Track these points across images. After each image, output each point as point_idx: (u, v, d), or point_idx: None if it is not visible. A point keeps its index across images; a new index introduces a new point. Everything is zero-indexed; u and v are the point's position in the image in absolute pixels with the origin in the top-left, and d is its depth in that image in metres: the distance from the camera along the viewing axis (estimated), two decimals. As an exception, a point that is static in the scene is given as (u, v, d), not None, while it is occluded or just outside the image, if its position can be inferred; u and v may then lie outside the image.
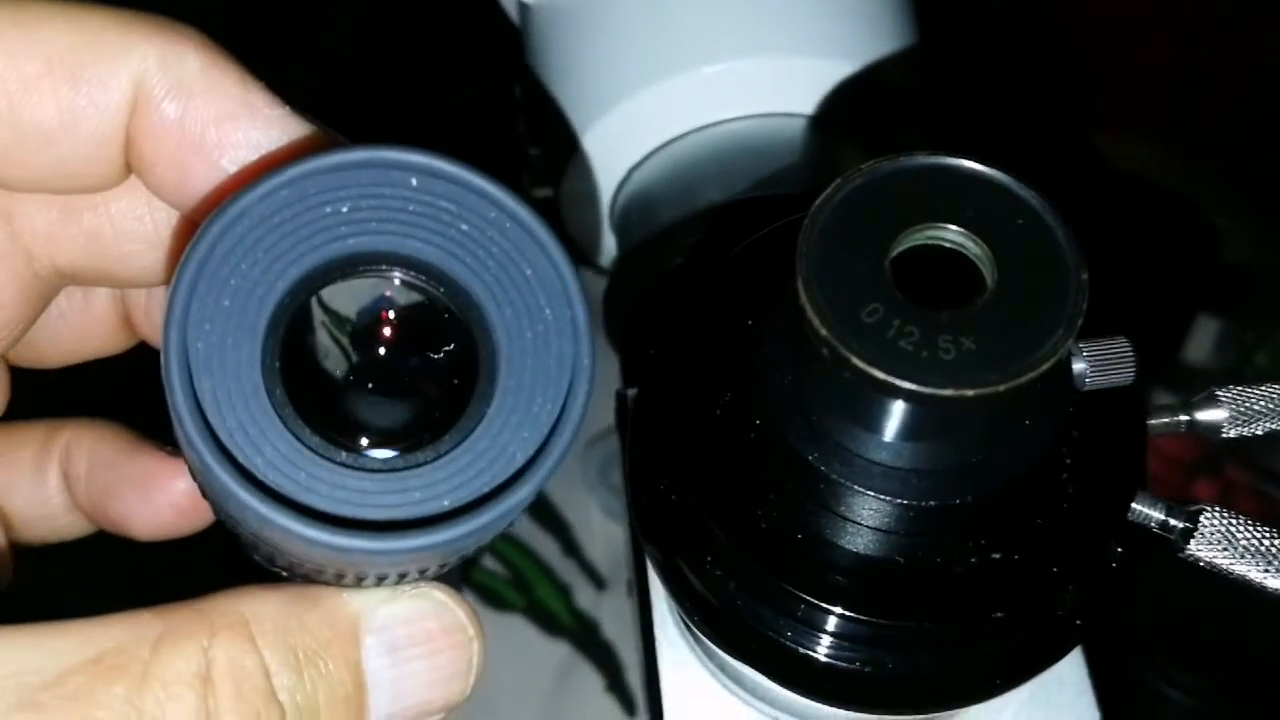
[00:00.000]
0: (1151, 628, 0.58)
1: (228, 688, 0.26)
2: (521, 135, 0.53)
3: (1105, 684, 0.41)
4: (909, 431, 0.32)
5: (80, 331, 0.37)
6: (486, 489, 0.26)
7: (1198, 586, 0.41)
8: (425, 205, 0.26)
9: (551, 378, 0.27)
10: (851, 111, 0.47)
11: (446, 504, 0.26)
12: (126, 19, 0.29)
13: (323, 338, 0.27)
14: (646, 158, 0.48)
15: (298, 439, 0.26)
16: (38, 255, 0.33)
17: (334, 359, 0.27)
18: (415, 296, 0.27)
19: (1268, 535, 0.35)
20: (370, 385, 0.27)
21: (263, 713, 0.27)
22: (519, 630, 0.73)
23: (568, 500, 0.76)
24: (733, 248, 0.38)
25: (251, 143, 0.29)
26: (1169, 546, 0.35)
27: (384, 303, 0.27)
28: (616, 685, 0.71)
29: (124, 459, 0.39)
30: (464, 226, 0.26)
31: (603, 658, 0.72)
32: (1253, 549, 0.35)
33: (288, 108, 0.30)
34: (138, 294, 0.36)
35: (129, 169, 0.31)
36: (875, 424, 0.32)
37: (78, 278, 0.34)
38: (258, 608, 0.27)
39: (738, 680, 0.39)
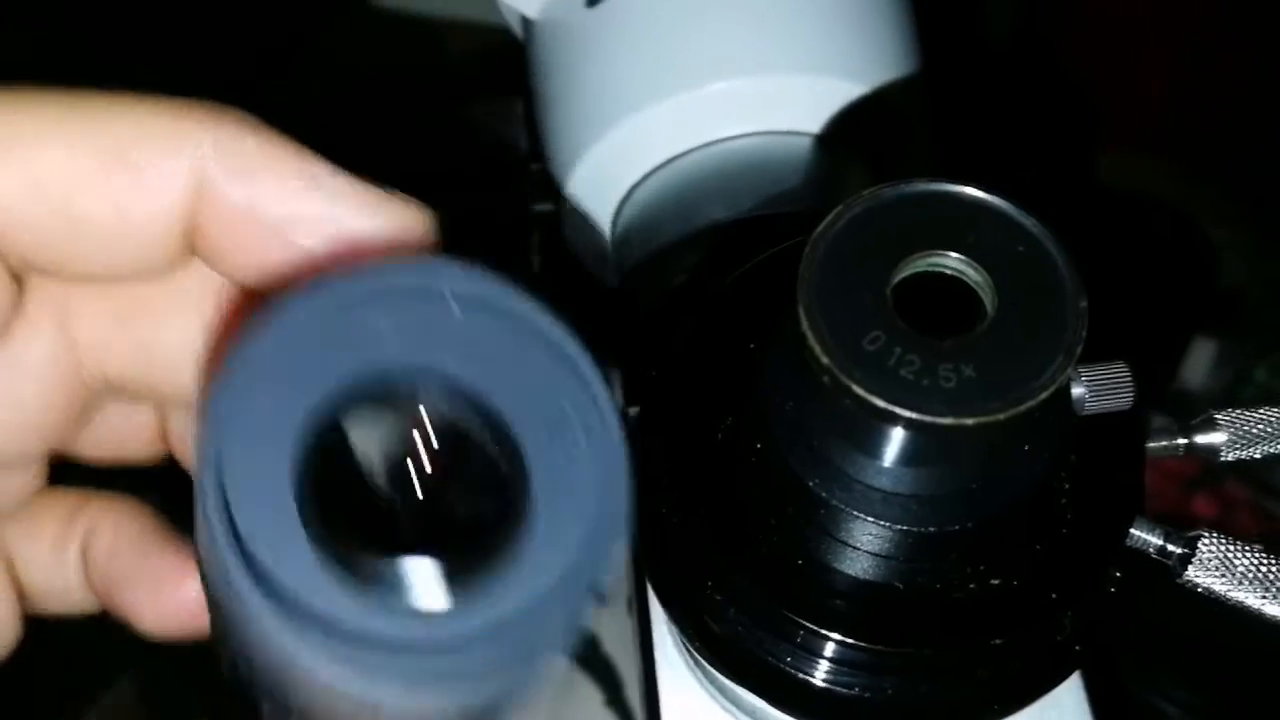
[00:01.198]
0: (1149, 648, 0.58)
1: None
2: (525, 151, 0.53)
3: (1103, 705, 0.41)
4: (909, 458, 0.32)
5: (119, 438, 0.37)
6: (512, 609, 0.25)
7: (1196, 607, 0.41)
8: (469, 328, 0.26)
9: (587, 512, 0.26)
10: (854, 130, 0.47)
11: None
12: (179, 108, 0.29)
13: (356, 462, 0.26)
14: (649, 175, 0.48)
15: (319, 565, 0.24)
16: (88, 363, 0.33)
17: (368, 487, 0.26)
18: (453, 423, 0.26)
19: (1266, 561, 0.35)
20: (403, 521, 0.27)
21: None
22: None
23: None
24: (735, 268, 0.38)
25: (319, 214, 0.29)
26: (1167, 573, 0.35)
27: (421, 430, 0.26)
28: (615, 700, 0.71)
29: (143, 549, 0.38)
30: (506, 352, 0.26)
31: (602, 672, 0.72)
32: (1251, 575, 0.35)
33: (348, 174, 0.30)
34: (177, 410, 0.36)
35: (188, 253, 0.31)
36: (875, 450, 0.32)
37: (124, 389, 0.34)
38: None
39: (737, 703, 0.39)
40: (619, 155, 0.48)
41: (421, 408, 0.26)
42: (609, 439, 0.26)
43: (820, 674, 0.34)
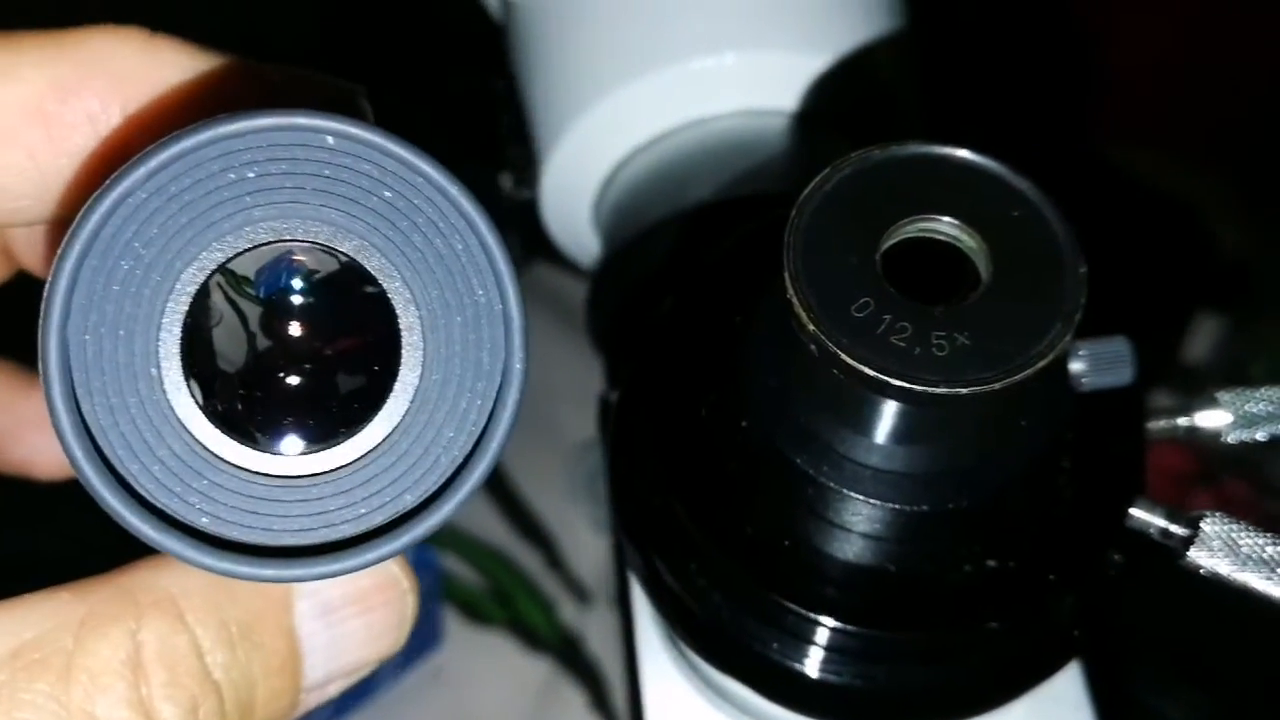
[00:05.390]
0: (1151, 643, 0.57)
1: (160, 673, 0.25)
2: (503, 133, 0.52)
3: (1104, 701, 0.39)
4: (900, 433, 0.31)
5: None
6: (411, 503, 0.24)
7: (1199, 601, 0.39)
8: (343, 169, 0.24)
9: (482, 370, 0.24)
10: (841, 107, 0.46)
11: (363, 512, 0.24)
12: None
13: (227, 324, 0.25)
14: (631, 155, 0.47)
15: (197, 442, 0.24)
16: None
17: (239, 348, 0.25)
18: (331, 270, 0.24)
19: (1270, 542, 0.33)
20: (281, 375, 0.25)
21: (199, 695, 0.25)
22: (499, 646, 0.72)
23: (553, 512, 0.75)
24: (718, 244, 0.37)
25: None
26: (1169, 554, 0.34)
27: (296, 279, 0.25)
28: (600, 703, 0.70)
29: (19, 398, 0.37)
30: (387, 194, 0.24)
31: (586, 674, 0.71)
32: (1255, 556, 0.33)
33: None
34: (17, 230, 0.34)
35: None
36: (866, 425, 0.31)
37: None
38: (185, 581, 0.26)
39: (723, 694, 0.37)
40: (600, 133, 0.47)
41: (296, 257, 0.24)
42: (504, 292, 0.24)
43: (810, 661, 0.33)
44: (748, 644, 0.33)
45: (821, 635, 0.32)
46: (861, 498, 0.31)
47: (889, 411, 0.30)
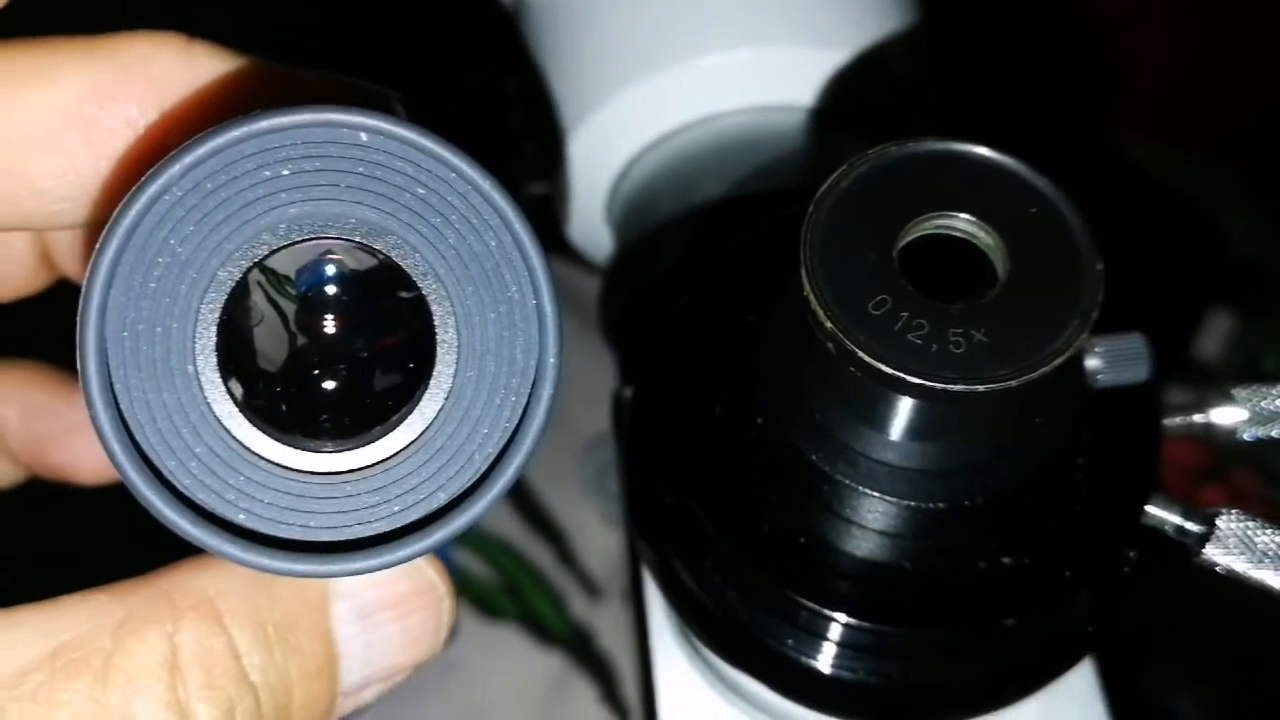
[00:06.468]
0: (1165, 641, 0.57)
1: (197, 675, 0.25)
2: (516, 129, 0.52)
3: (1117, 698, 0.39)
4: (917, 430, 0.31)
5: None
6: (445, 500, 0.24)
7: (1212, 598, 0.39)
8: (377, 166, 0.24)
9: (516, 367, 0.24)
10: (854, 102, 0.46)
11: (397, 509, 0.24)
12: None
13: (263, 319, 0.25)
14: (644, 151, 0.47)
15: (234, 438, 0.24)
16: None
17: (275, 344, 0.25)
18: (365, 267, 0.25)
19: (1288, 539, 0.33)
20: (317, 373, 0.25)
21: (235, 697, 0.25)
22: (511, 640, 0.72)
23: (563, 506, 0.75)
24: (732, 241, 0.37)
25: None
26: (1185, 551, 0.34)
27: (331, 276, 0.25)
28: (611, 697, 0.70)
29: (61, 403, 0.38)
30: (420, 191, 0.24)
31: (597, 669, 0.71)
32: (1272, 553, 0.33)
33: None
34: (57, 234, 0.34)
35: None
36: (882, 421, 0.31)
37: None
38: (223, 583, 0.26)
39: (737, 689, 0.37)
40: (613, 130, 0.47)
41: (330, 251, 0.25)
42: (538, 289, 0.24)
43: (824, 658, 0.33)
44: (763, 640, 0.33)
45: (836, 631, 0.32)
46: (877, 495, 0.31)
47: (906, 408, 0.30)
